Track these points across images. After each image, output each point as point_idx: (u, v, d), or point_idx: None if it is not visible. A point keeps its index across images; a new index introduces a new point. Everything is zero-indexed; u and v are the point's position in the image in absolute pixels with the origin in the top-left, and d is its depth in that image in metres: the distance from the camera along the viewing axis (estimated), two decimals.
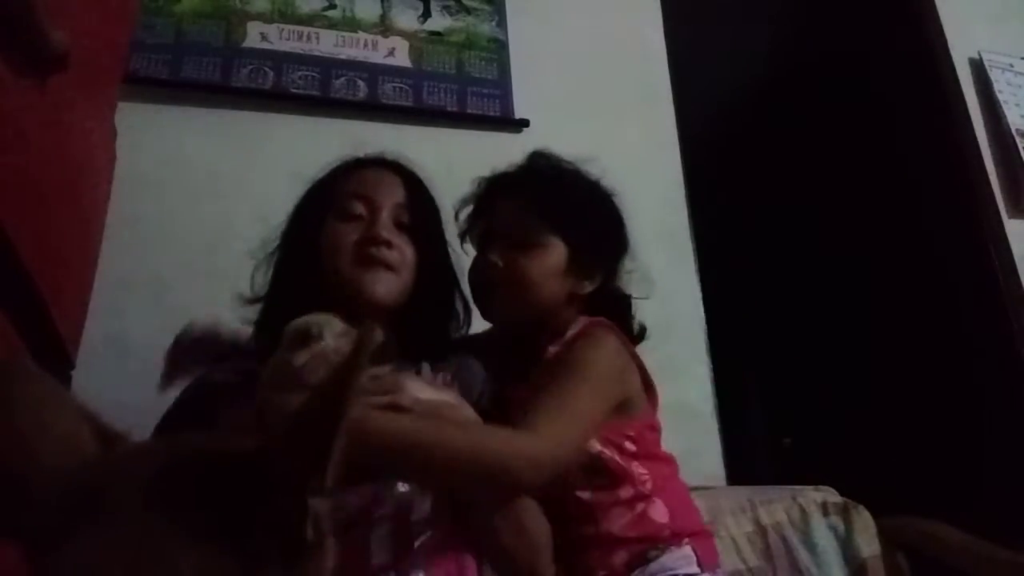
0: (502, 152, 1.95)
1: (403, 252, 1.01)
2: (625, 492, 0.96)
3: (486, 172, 1.15)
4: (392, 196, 1.04)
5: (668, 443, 1.09)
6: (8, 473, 0.40)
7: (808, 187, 2.78)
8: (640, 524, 0.95)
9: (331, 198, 1.05)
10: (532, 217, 1.03)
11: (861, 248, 2.54)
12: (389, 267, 0.99)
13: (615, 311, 1.08)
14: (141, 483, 0.39)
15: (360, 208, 1.02)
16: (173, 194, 1.62)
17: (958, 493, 1.83)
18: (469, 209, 1.15)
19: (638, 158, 2.02)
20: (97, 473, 0.41)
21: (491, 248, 1.06)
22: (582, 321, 1.04)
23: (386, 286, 0.99)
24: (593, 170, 1.14)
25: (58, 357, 0.93)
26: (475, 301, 1.10)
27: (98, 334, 1.18)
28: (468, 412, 0.87)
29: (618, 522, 0.95)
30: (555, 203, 1.05)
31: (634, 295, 1.13)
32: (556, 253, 1.03)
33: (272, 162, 1.67)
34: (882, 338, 2.43)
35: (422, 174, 1.12)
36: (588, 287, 1.06)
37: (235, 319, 1.06)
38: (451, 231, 1.14)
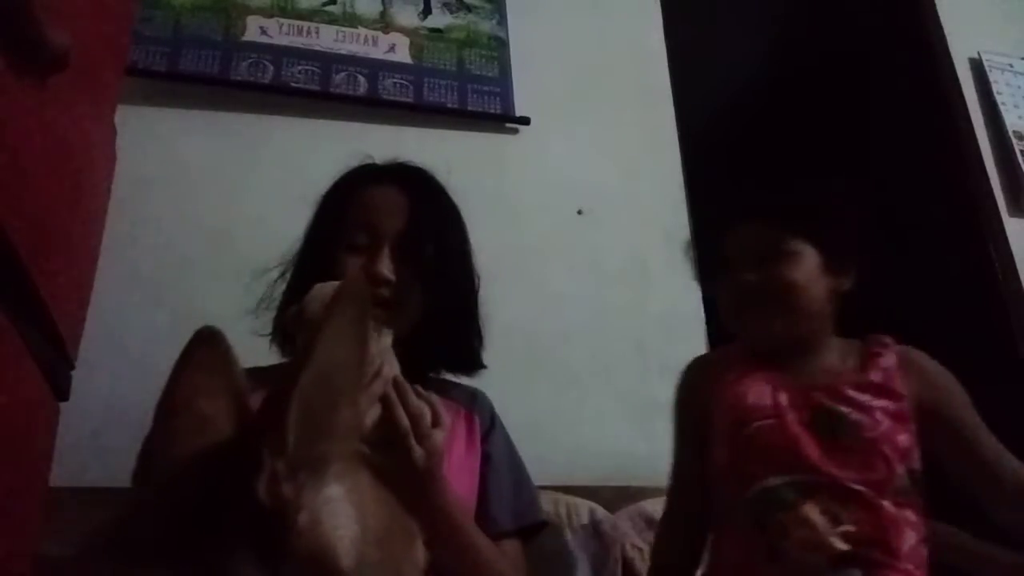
0: (502, 150, 1.97)
1: (406, 285, 1.00)
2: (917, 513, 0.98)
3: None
4: (395, 222, 1.02)
5: None
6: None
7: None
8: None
9: (340, 224, 1.04)
10: (774, 231, 1.04)
11: (860, 248, 2.53)
12: (389, 305, 0.98)
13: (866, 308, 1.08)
14: None
15: (364, 238, 1.02)
16: (173, 194, 1.61)
17: (959, 493, 1.82)
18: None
19: (638, 158, 2.02)
20: None
21: (738, 273, 1.03)
22: (893, 348, 1.07)
23: (388, 335, 0.97)
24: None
25: (58, 357, 0.93)
26: (734, 328, 1.07)
27: (98, 334, 1.18)
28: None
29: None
30: (792, 211, 1.06)
31: None
32: (809, 256, 1.04)
33: (272, 162, 1.67)
34: None
35: (435, 183, 1.10)
36: (846, 284, 1.07)
37: (244, 330, 1.05)
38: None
